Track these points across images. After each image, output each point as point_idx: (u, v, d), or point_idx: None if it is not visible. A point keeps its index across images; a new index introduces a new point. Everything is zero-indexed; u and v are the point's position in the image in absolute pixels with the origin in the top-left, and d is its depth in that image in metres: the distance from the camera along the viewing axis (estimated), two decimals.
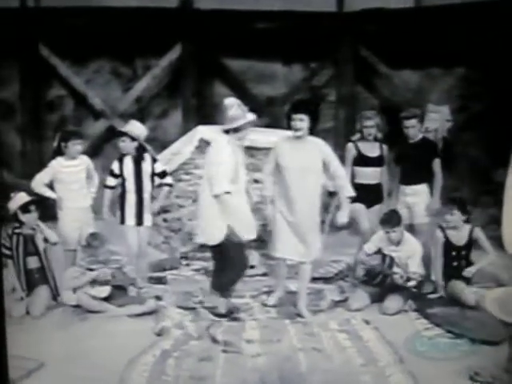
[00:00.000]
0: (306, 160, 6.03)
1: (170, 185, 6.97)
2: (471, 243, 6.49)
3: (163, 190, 6.90)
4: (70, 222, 6.74)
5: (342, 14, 10.15)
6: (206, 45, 10.06)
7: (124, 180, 6.72)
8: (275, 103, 10.27)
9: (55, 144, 6.85)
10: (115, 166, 6.74)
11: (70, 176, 6.76)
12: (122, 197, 6.75)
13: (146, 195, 6.75)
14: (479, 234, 6.46)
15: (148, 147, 6.85)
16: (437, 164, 6.95)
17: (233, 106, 6.04)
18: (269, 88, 10.53)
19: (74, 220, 6.74)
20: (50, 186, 6.79)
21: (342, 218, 6.16)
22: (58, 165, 6.77)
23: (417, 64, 10.16)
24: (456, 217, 6.46)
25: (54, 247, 6.62)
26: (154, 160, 6.86)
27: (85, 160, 6.91)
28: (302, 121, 5.98)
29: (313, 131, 6.13)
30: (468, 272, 6.44)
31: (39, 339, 5.65)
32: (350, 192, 6.19)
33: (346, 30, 10.19)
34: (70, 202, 6.74)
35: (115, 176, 6.73)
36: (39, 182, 6.77)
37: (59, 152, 6.79)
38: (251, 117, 6.10)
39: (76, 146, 6.77)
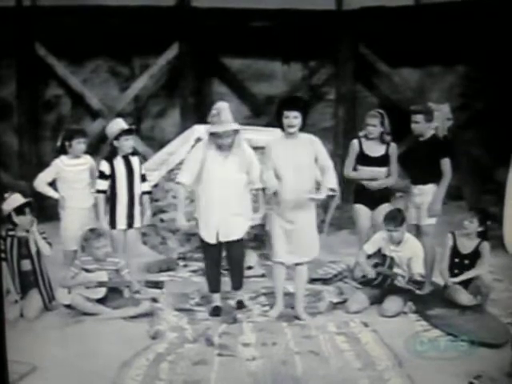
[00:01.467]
0: (300, 158, 5.94)
1: (149, 192, 6.81)
2: (476, 255, 6.40)
3: (144, 198, 6.71)
4: (72, 223, 6.62)
5: (341, 12, 10.10)
6: (203, 43, 10.03)
7: (114, 181, 6.56)
8: (274, 102, 10.16)
9: (59, 143, 6.75)
10: (105, 168, 6.55)
11: (73, 175, 6.66)
12: (113, 199, 6.59)
13: (137, 196, 6.63)
14: (486, 248, 6.38)
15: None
16: (446, 164, 6.68)
17: (215, 110, 6.04)
18: (268, 87, 10.49)
19: (76, 220, 6.61)
20: (53, 186, 6.69)
21: (318, 195, 5.95)
22: (61, 163, 6.68)
23: (417, 62, 10.12)
24: (474, 225, 6.39)
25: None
26: (140, 160, 6.80)
27: (89, 159, 6.81)
28: (296, 118, 5.90)
29: (302, 128, 6.00)
30: (451, 281, 6.37)
31: (33, 342, 5.58)
32: (332, 184, 5.98)
33: (346, 28, 10.14)
34: (72, 201, 6.63)
35: (106, 178, 6.54)
36: (42, 181, 6.68)
37: (62, 151, 6.69)
38: (230, 126, 6.01)
39: (80, 144, 6.68)
